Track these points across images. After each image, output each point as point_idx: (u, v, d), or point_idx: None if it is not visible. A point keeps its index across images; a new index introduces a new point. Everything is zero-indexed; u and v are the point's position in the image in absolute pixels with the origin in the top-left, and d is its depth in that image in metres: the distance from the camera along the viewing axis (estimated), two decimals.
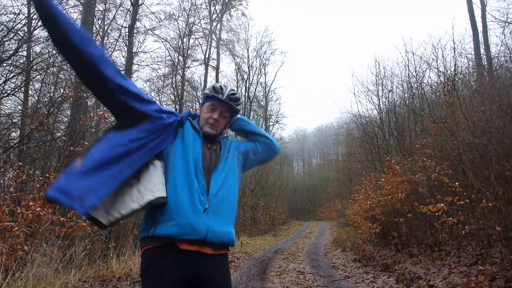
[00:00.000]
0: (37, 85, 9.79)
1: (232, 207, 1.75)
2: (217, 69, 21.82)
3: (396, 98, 14.29)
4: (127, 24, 14.35)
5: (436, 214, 5.59)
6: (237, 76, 27.02)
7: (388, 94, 14.36)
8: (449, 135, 6.68)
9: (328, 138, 47.15)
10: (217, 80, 22.04)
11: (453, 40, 11.66)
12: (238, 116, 2.01)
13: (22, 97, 9.40)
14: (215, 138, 1.88)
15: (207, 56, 20.77)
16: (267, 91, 31.11)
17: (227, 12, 22.20)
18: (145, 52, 18.79)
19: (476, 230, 5.78)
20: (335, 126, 33.10)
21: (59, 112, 7.68)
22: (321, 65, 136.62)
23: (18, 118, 7.43)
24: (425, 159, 6.86)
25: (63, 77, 9.78)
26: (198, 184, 1.63)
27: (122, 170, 1.51)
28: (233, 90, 1.89)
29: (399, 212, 8.07)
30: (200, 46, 20.89)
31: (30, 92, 9.73)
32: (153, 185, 1.58)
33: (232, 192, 1.77)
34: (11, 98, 8.37)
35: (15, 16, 6.06)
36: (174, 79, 19.05)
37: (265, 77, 31.47)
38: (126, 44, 14.31)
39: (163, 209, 1.58)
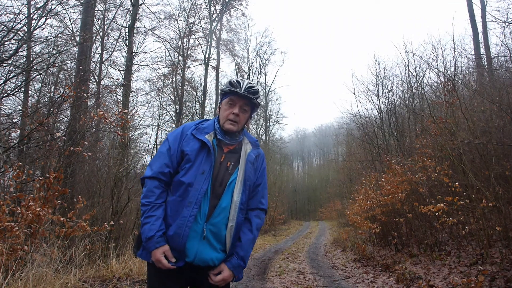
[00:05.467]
0: (37, 85, 9.79)
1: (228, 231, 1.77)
2: (217, 69, 21.81)
3: (396, 98, 14.28)
4: (127, 24, 14.36)
5: (436, 214, 5.59)
6: (237, 76, 27.00)
7: (388, 94, 14.35)
8: (449, 135, 6.67)
9: (328, 138, 47.14)
10: (217, 81, 22.04)
11: (453, 40, 11.67)
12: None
13: (22, 97, 9.40)
14: (235, 136, 1.85)
15: (207, 56, 20.78)
16: (267, 91, 31.11)
17: (227, 12, 22.19)
18: (145, 52, 18.78)
19: (476, 230, 5.78)
20: (335, 126, 33.08)
21: (59, 112, 7.67)
22: (321, 65, 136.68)
23: (18, 118, 7.43)
24: (425, 159, 6.86)
25: (63, 77, 9.78)
26: (200, 211, 1.71)
27: None
28: (250, 83, 1.84)
29: (399, 212, 8.06)
30: (200, 46, 20.90)
31: (30, 92, 9.74)
32: None
33: (232, 215, 1.77)
34: (11, 98, 8.37)
35: (15, 16, 6.05)
36: (174, 79, 19.06)
37: (265, 77, 31.54)
38: (126, 44, 14.31)
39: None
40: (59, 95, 6.79)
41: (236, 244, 1.78)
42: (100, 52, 14.14)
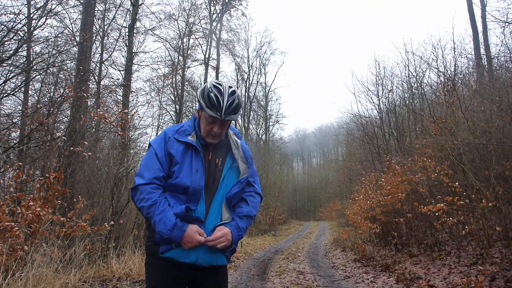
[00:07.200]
0: (37, 85, 9.80)
1: None
2: (217, 69, 21.82)
3: (396, 98, 14.30)
4: (127, 24, 14.36)
5: (436, 214, 5.59)
6: (237, 76, 27.04)
7: (388, 94, 14.37)
8: (449, 135, 6.67)
9: (328, 138, 47.16)
10: None
11: (453, 40, 11.65)
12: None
13: (22, 97, 9.41)
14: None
15: (207, 56, 20.78)
16: (267, 91, 31.15)
17: (227, 12, 22.21)
18: (145, 52, 18.73)
19: (476, 230, 5.78)
20: (335, 126, 33.13)
21: (59, 112, 7.67)
22: (321, 65, 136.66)
23: (18, 118, 7.43)
24: (425, 159, 6.86)
25: (63, 77, 9.79)
26: (197, 212, 1.71)
27: None
28: (231, 96, 1.73)
29: (399, 212, 8.07)
30: (200, 46, 20.91)
31: (30, 92, 9.74)
32: None
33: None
34: (11, 98, 8.37)
35: (15, 16, 6.06)
36: (174, 79, 19.07)
37: (265, 77, 31.54)
38: (126, 44, 14.31)
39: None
40: (59, 95, 6.80)
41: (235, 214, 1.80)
42: (100, 52, 14.15)
